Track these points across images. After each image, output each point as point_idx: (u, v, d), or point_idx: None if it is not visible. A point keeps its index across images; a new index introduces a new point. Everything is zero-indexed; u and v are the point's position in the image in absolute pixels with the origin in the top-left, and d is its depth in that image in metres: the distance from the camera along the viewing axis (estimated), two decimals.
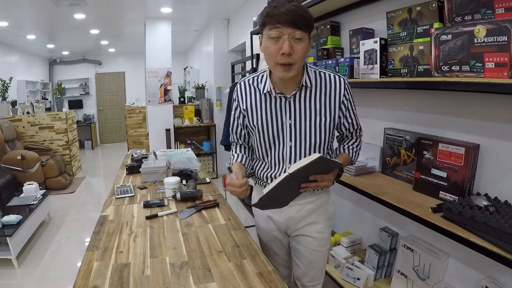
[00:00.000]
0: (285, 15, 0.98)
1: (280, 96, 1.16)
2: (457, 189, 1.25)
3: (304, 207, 1.25)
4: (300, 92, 1.14)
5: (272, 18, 1.00)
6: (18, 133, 4.81)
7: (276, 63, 1.05)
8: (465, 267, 1.33)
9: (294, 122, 1.16)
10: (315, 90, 1.15)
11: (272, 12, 1.00)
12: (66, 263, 2.71)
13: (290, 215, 1.26)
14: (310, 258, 1.30)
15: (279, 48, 1.01)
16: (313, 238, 1.27)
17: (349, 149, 1.27)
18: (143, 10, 4.58)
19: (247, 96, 1.22)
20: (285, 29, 1.00)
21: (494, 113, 1.20)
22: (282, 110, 1.16)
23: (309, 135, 1.16)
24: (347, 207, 2.09)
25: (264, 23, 1.04)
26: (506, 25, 0.96)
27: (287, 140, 1.18)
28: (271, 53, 1.04)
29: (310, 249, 1.29)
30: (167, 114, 5.09)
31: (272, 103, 1.18)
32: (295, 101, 1.15)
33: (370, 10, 1.75)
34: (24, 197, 3.26)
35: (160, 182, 2.01)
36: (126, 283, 0.99)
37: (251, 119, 1.21)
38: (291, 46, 1.00)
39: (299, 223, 1.27)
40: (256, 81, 1.22)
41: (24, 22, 4.90)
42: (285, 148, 1.18)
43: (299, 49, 1.02)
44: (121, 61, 8.83)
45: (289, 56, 1.02)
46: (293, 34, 1.00)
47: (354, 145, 1.28)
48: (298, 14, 0.99)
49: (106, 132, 9.13)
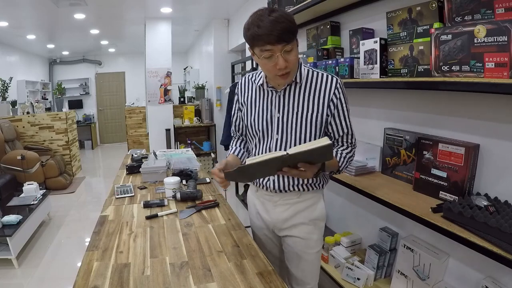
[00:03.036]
0: (271, 35, 0.99)
1: (271, 90, 1.20)
2: (457, 189, 1.25)
3: (290, 207, 1.25)
4: (291, 87, 1.18)
5: (259, 40, 1.02)
6: (18, 133, 4.81)
7: (275, 75, 1.11)
8: (465, 267, 1.33)
9: (282, 115, 1.19)
10: (305, 86, 1.17)
11: (257, 33, 1.01)
12: (66, 263, 2.71)
13: (276, 214, 1.27)
14: (298, 261, 1.30)
15: (275, 65, 1.05)
16: (300, 239, 1.27)
17: (337, 153, 1.21)
18: (143, 10, 4.58)
19: (246, 90, 1.29)
20: (275, 47, 1.02)
21: (494, 113, 1.20)
22: (273, 103, 1.21)
23: (294, 128, 1.18)
24: (347, 207, 2.09)
25: (253, 44, 1.06)
26: (506, 25, 0.96)
27: (274, 133, 1.21)
28: (268, 69, 1.09)
29: (298, 250, 1.28)
30: (167, 114, 5.10)
31: (264, 97, 1.23)
32: (284, 95, 1.19)
33: (370, 10, 1.75)
34: (24, 197, 3.26)
35: (160, 182, 2.01)
36: (126, 283, 0.99)
37: (245, 111, 1.28)
38: (284, 59, 1.04)
39: (285, 223, 1.27)
40: (254, 76, 1.28)
41: (24, 22, 4.90)
42: (272, 140, 1.21)
43: (292, 58, 1.07)
44: (121, 61, 8.84)
45: (285, 68, 1.07)
46: (284, 50, 1.03)
47: (345, 151, 1.22)
48: (282, 29, 1.00)
49: (106, 132, 9.13)
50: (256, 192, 1.34)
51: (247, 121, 1.27)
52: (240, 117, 1.35)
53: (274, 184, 1.23)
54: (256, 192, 1.34)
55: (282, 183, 1.23)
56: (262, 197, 1.31)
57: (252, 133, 1.26)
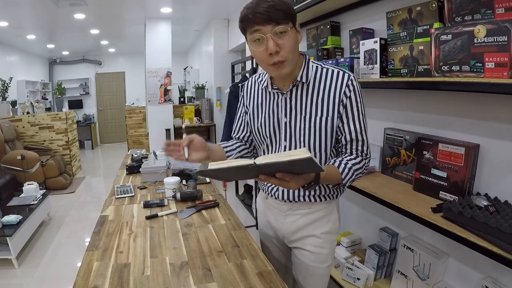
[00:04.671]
0: (260, 14, 0.91)
1: (277, 92, 1.09)
2: (457, 189, 1.25)
3: (300, 218, 1.16)
4: (297, 88, 1.06)
5: (248, 21, 0.94)
6: (18, 133, 4.81)
7: (267, 65, 0.99)
8: (465, 267, 1.33)
9: (289, 120, 1.08)
10: (313, 86, 1.05)
11: (247, 14, 0.94)
12: (66, 263, 2.71)
13: (286, 225, 1.19)
14: (305, 274, 1.21)
15: (265, 49, 0.95)
16: (309, 252, 1.17)
17: (340, 163, 1.03)
18: (143, 10, 4.58)
19: (251, 93, 1.20)
20: (264, 28, 0.93)
21: (494, 113, 1.20)
22: (279, 107, 1.09)
23: (303, 134, 1.06)
24: (347, 207, 2.09)
25: (244, 29, 0.97)
26: (506, 25, 0.96)
27: (282, 139, 1.10)
28: (260, 56, 0.98)
29: (306, 264, 1.19)
30: (167, 114, 5.10)
31: (270, 99, 1.12)
32: (291, 97, 1.07)
33: (370, 10, 1.75)
34: (24, 197, 3.26)
35: (160, 182, 2.01)
36: (126, 283, 0.99)
37: (251, 115, 1.18)
38: (276, 43, 0.94)
39: (295, 234, 1.18)
40: (261, 77, 1.17)
41: (24, 22, 4.91)
42: (280, 148, 1.11)
43: (286, 44, 0.95)
44: (121, 61, 8.83)
45: (277, 54, 0.95)
46: (274, 31, 0.93)
47: (351, 162, 1.04)
48: (274, 8, 0.91)
49: (106, 132, 9.13)
50: (266, 200, 1.25)
51: (253, 126, 1.17)
52: (245, 121, 1.24)
53: (283, 194, 1.14)
54: (266, 199, 1.25)
55: (290, 193, 1.13)
56: (272, 206, 1.22)
57: (260, 140, 1.16)
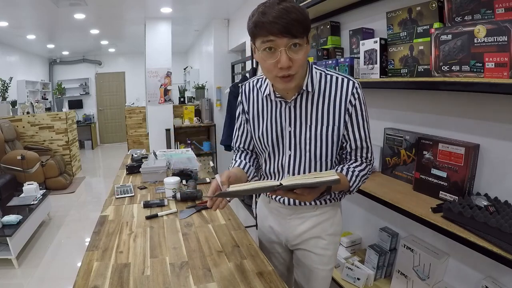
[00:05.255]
0: (276, 24, 0.83)
1: (280, 100, 1.05)
2: (457, 189, 1.25)
3: (306, 221, 1.15)
4: (302, 96, 1.02)
5: (262, 29, 0.86)
6: (18, 133, 4.81)
7: (275, 76, 0.93)
8: (465, 267, 1.33)
9: (294, 129, 1.05)
10: (318, 95, 1.01)
11: (261, 21, 0.85)
12: (66, 263, 2.71)
13: (290, 228, 1.17)
14: (309, 276, 1.20)
15: (276, 62, 0.89)
16: (314, 254, 1.16)
17: (348, 170, 1.04)
18: (143, 10, 4.58)
19: (251, 99, 1.14)
20: (279, 40, 0.86)
21: (494, 113, 1.20)
22: (282, 115, 1.06)
23: (308, 144, 1.04)
24: (347, 207, 2.09)
25: (254, 34, 0.90)
26: (506, 25, 0.96)
27: (286, 149, 1.07)
28: (268, 67, 0.92)
29: (310, 266, 1.18)
30: (167, 114, 5.09)
31: (272, 108, 1.08)
32: (295, 106, 1.03)
33: (370, 10, 1.75)
34: (24, 197, 3.26)
35: (160, 182, 2.01)
36: (126, 283, 0.99)
37: (251, 123, 1.14)
38: (288, 58, 0.87)
39: (299, 237, 1.17)
40: (260, 82, 1.11)
41: (24, 22, 4.90)
42: (284, 157, 1.08)
43: (299, 59, 0.89)
44: (121, 61, 8.83)
45: (288, 68, 0.89)
46: (289, 45, 0.87)
47: (357, 168, 1.05)
48: (291, 19, 0.84)
49: (106, 132, 9.12)
50: (269, 204, 1.22)
51: (255, 135, 1.14)
52: (247, 130, 1.19)
53: (289, 199, 1.12)
54: (268, 203, 1.22)
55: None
56: (275, 210, 1.19)
57: (262, 148, 1.13)
